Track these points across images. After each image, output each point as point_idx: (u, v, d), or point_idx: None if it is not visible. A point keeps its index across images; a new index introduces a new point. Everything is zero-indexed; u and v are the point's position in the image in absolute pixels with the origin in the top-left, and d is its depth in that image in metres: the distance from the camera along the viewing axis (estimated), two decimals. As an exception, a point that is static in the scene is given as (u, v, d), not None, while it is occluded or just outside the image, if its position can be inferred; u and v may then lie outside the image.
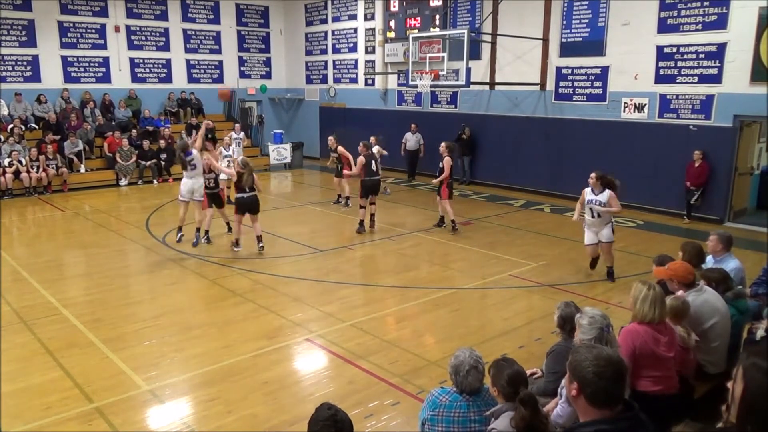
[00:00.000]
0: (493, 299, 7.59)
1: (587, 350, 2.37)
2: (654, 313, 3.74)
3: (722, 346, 4.33)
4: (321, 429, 2.59)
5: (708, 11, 11.21)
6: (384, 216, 11.92)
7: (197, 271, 8.62)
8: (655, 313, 3.74)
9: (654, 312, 3.74)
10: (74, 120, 16.14)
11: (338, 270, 8.67)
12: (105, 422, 4.65)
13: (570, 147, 13.59)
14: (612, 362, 2.28)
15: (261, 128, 20.86)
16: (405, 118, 17.33)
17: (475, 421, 3.21)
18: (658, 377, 3.72)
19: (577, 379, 2.30)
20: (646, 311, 3.76)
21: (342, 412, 2.67)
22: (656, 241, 10.12)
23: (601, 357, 2.29)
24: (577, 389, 2.29)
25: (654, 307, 3.74)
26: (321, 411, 2.67)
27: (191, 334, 6.37)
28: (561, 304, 4.18)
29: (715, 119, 11.36)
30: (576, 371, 2.31)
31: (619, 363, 2.31)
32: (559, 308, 4.15)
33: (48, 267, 8.82)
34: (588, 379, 2.25)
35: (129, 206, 13.59)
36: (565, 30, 13.47)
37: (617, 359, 2.32)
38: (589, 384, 2.25)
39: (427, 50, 14.22)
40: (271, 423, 4.65)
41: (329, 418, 2.60)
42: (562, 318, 4.08)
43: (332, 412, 2.64)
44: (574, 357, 2.39)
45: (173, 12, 18.81)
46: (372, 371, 5.51)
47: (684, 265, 4.56)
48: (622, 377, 2.30)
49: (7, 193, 13.97)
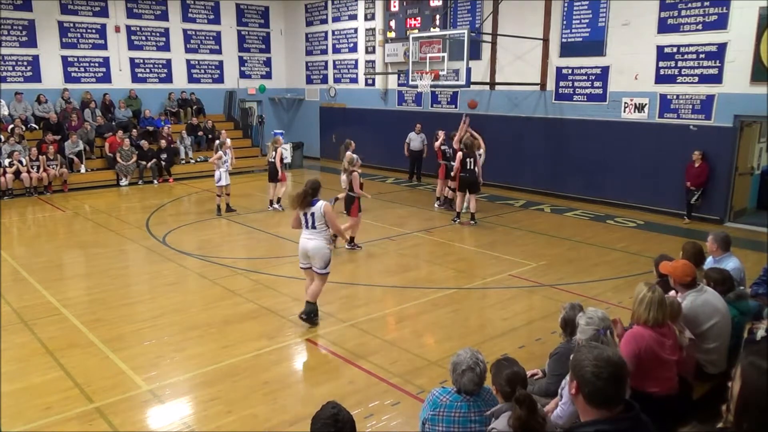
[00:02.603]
0: (493, 299, 7.59)
1: (588, 350, 2.38)
2: (649, 315, 3.73)
3: (722, 346, 4.33)
4: (321, 428, 2.60)
5: (708, 11, 11.21)
6: (384, 216, 11.93)
7: (197, 271, 8.62)
8: (650, 315, 3.73)
9: (649, 314, 3.73)
10: (74, 120, 16.14)
11: (338, 270, 8.65)
12: (105, 422, 4.64)
13: (570, 147, 13.59)
14: (611, 363, 2.28)
15: (261, 128, 20.87)
16: (405, 118, 17.34)
17: (476, 421, 3.21)
18: (658, 379, 3.72)
19: (577, 377, 2.32)
20: (642, 313, 3.76)
21: (346, 412, 2.67)
22: (656, 241, 10.11)
23: (601, 358, 2.30)
24: (576, 388, 2.32)
25: (650, 310, 3.73)
26: (325, 409, 2.68)
27: (191, 334, 6.37)
28: (567, 305, 4.18)
29: (715, 119, 11.36)
30: (575, 370, 2.34)
31: (619, 365, 2.32)
32: (564, 309, 4.14)
33: (48, 267, 8.82)
34: (586, 378, 2.27)
35: (129, 206, 13.58)
36: (566, 30, 13.47)
37: (618, 361, 2.33)
38: (587, 383, 2.27)
39: (427, 50, 14.23)
40: (271, 423, 4.65)
41: (331, 417, 2.61)
42: (564, 320, 4.09)
43: (335, 411, 2.64)
44: (575, 356, 2.42)
45: (173, 12, 18.80)
46: (372, 371, 5.51)
47: (684, 265, 4.55)
48: (621, 379, 2.30)
49: (8, 193, 13.97)
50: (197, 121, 18.32)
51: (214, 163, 12.03)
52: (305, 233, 6.56)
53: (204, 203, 13.62)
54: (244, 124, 20.60)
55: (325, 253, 6.53)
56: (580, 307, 4.08)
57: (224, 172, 11.85)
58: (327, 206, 6.48)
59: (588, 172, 13.35)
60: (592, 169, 13.27)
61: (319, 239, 6.49)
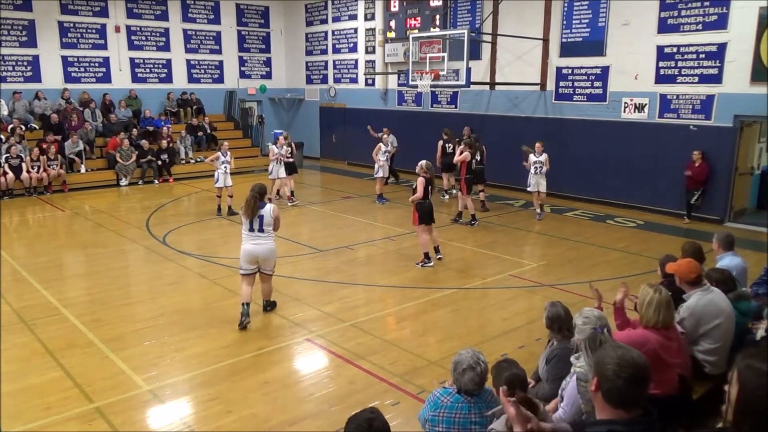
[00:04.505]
0: (493, 299, 7.59)
1: (613, 349, 2.36)
2: (659, 317, 3.72)
3: (724, 347, 4.32)
4: (354, 428, 2.59)
5: (708, 11, 11.21)
6: (384, 216, 11.93)
7: (197, 271, 8.62)
8: (659, 317, 3.72)
9: (658, 316, 3.72)
10: (74, 120, 16.14)
11: (338, 270, 8.67)
12: (105, 422, 4.65)
13: (570, 147, 13.58)
14: (634, 365, 2.26)
15: (261, 128, 20.87)
16: (405, 118, 17.34)
17: (476, 422, 3.21)
18: (660, 382, 3.71)
19: (598, 374, 2.30)
20: (651, 315, 3.74)
21: (383, 420, 2.65)
22: (656, 241, 10.11)
23: (624, 358, 2.28)
24: (596, 384, 2.30)
25: (659, 312, 3.72)
26: (363, 412, 2.69)
27: (191, 334, 6.37)
28: (547, 304, 4.20)
29: (715, 119, 11.36)
30: (598, 366, 2.32)
31: (642, 367, 2.29)
32: (546, 309, 4.16)
33: (48, 267, 8.82)
34: (607, 376, 2.25)
35: (129, 206, 13.59)
36: (566, 30, 13.47)
37: (642, 363, 2.30)
38: (607, 381, 2.25)
39: (427, 50, 14.23)
40: (271, 423, 4.65)
41: (366, 421, 2.60)
42: (550, 318, 4.10)
43: (373, 416, 2.63)
44: (599, 353, 2.41)
45: (173, 12, 18.81)
46: (372, 371, 5.51)
47: (689, 262, 4.54)
48: (642, 381, 2.27)
49: (7, 193, 13.97)
50: (197, 121, 18.32)
51: (212, 164, 12.15)
52: (252, 239, 6.50)
53: (204, 203, 13.63)
54: (244, 124, 20.61)
55: (274, 255, 6.65)
56: (560, 304, 4.12)
57: (222, 173, 11.91)
58: (275, 209, 6.60)
59: (588, 172, 13.35)
60: (592, 169, 13.27)
61: (270, 242, 6.54)
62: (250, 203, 6.44)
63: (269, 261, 6.59)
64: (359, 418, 2.63)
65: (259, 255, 6.50)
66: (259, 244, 6.49)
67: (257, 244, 6.49)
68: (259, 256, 6.51)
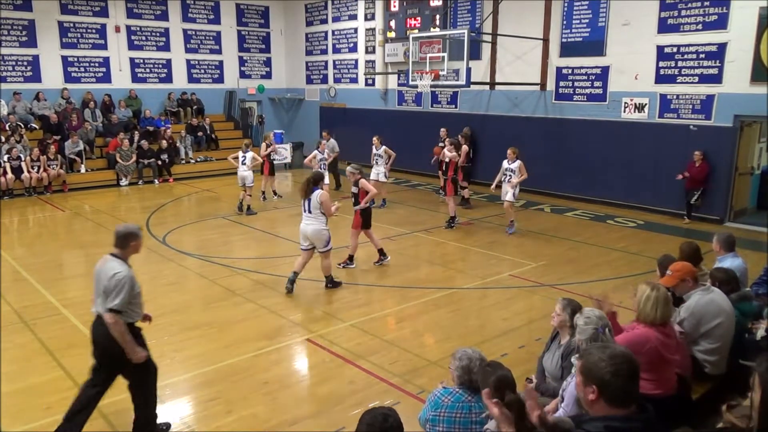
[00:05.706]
0: (493, 299, 7.58)
1: (599, 350, 2.27)
2: (657, 313, 3.73)
3: (724, 347, 4.32)
4: (369, 419, 2.60)
5: (708, 11, 11.20)
6: (384, 216, 11.92)
7: (197, 271, 8.62)
8: (657, 314, 3.73)
9: (656, 313, 3.73)
10: (74, 120, 16.14)
11: (338, 270, 8.66)
12: (105, 422, 4.65)
13: (570, 147, 13.59)
14: (627, 359, 2.21)
15: (261, 128, 20.86)
16: (405, 118, 17.34)
17: (477, 422, 3.21)
18: (659, 380, 3.72)
19: (595, 381, 2.19)
20: (648, 312, 3.75)
21: (397, 419, 2.65)
22: (656, 241, 10.11)
23: (615, 355, 2.21)
24: (596, 393, 2.18)
25: (656, 308, 3.73)
26: (380, 408, 2.71)
27: (191, 334, 6.37)
28: (563, 300, 4.10)
29: (715, 119, 11.36)
30: (592, 374, 2.20)
31: (633, 359, 2.24)
32: (564, 302, 4.05)
33: (48, 267, 8.82)
34: (606, 380, 2.16)
35: (129, 206, 13.58)
36: (566, 30, 13.47)
37: (630, 355, 2.25)
38: (608, 384, 2.16)
39: (427, 50, 14.22)
40: (271, 423, 4.65)
41: (381, 415, 2.62)
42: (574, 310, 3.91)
43: (389, 413, 2.65)
44: (587, 359, 2.28)
45: (173, 12, 18.80)
46: (372, 371, 5.51)
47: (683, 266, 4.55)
48: (637, 374, 2.23)
49: (7, 193, 13.97)
50: (197, 121, 18.32)
51: (233, 161, 12.58)
52: (304, 219, 7.39)
53: (204, 203, 13.63)
54: (244, 124, 20.61)
55: (323, 235, 7.36)
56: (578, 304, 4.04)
57: (244, 170, 12.16)
58: (323, 194, 7.29)
59: (588, 172, 13.35)
60: (592, 169, 13.27)
61: (317, 224, 7.31)
62: (303, 186, 7.38)
63: (317, 240, 7.35)
64: (375, 412, 2.64)
65: (307, 233, 7.38)
66: (307, 224, 7.37)
67: (306, 224, 7.38)
68: (308, 234, 7.37)
